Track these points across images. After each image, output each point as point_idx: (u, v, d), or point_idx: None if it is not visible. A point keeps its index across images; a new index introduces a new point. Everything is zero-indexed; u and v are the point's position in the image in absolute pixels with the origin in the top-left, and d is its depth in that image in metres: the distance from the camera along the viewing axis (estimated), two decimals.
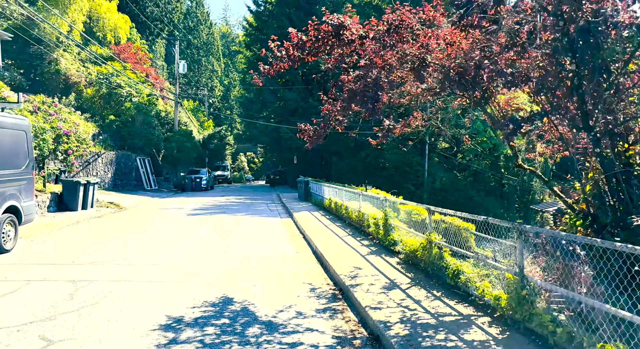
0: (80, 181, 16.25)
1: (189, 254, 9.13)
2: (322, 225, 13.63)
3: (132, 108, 30.67)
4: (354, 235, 11.45)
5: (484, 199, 27.71)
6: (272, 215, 17.53)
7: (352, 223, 12.90)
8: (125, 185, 28.46)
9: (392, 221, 9.05)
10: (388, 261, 8.06)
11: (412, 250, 7.54)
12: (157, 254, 9.00)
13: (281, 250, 10.01)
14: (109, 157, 26.84)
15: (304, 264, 8.66)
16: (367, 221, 10.85)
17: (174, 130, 36.03)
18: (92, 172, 25.03)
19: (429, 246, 6.89)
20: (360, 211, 11.66)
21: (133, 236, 11.22)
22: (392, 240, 8.71)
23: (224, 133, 53.17)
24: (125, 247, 9.64)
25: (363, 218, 11.37)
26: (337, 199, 15.31)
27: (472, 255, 6.12)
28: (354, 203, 13.01)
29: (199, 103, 66.33)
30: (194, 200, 23.61)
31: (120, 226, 13.24)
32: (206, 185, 33.41)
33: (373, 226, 10.20)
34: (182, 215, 16.19)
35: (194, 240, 10.91)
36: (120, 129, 30.25)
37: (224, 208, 19.38)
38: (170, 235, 11.54)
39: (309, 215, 16.34)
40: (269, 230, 13.06)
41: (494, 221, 6.04)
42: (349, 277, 7.01)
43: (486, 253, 6.20)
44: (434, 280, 6.66)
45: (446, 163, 29.64)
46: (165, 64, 62.02)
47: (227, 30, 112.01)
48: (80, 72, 33.16)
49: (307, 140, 7.89)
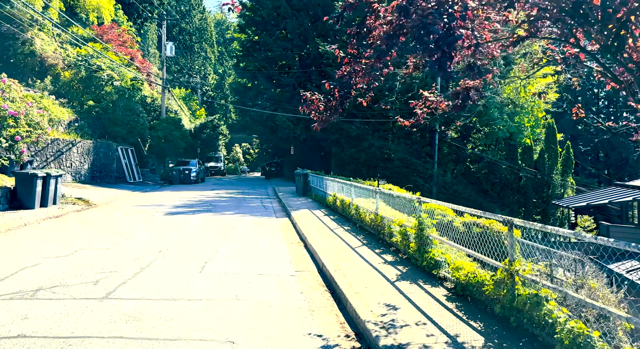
0: (38, 174, 13.62)
1: (148, 277, 6.59)
2: (327, 228, 11.12)
3: (113, 92, 27.90)
4: (370, 244, 8.94)
5: (499, 193, 25.27)
6: (266, 213, 14.99)
7: (364, 227, 10.39)
8: (105, 177, 25.81)
9: (430, 232, 6.52)
10: (432, 294, 5.54)
11: (472, 282, 5.03)
12: (103, 278, 6.46)
13: (276, 267, 7.49)
14: (85, 146, 24.16)
15: (308, 292, 6.16)
16: (389, 228, 8.34)
17: (161, 118, 33.28)
18: (66, 163, 22.39)
19: (508, 281, 4.37)
20: (377, 214, 9.13)
21: (84, 246, 8.66)
22: (432, 260, 6.19)
23: (217, 122, 50.48)
24: (64, 266, 7.09)
25: (382, 224, 8.85)
26: (343, 196, 12.79)
27: (555, 286, 3.69)
28: (368, 202, 10.49)
29: (191, 92, 63.46)
30: (179, 195, 21.03)
31: (76, 231, 10.67)
32: (196, 178, 30.79)
33: (398, 236, 7.69)
34: (158, 215, 13.62)
35: (163, 252, 8.36)
36: (100, 116, 27.52)
37: (210, 205, 16.82)
38: (133, 246, 8.99)
39: (310, 215, 13.82)
40: (262, 236, 10.54)
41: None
42: (380, 327, 4.51)
43: None
44: (525, 339, 4.15)
45: (457, 153, 27.13)
46: (157, 52, 58.90)
47: (222, 18, 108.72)
48: (57, 54, 30.29)
49: (316, 118, 5.34)
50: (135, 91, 30.17)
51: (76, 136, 23.83)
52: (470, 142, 28.67)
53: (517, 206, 25.10)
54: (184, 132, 34.73)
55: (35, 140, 13.29)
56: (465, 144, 28.10)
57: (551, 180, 24.66)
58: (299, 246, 9.59)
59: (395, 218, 7.93)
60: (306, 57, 34.99)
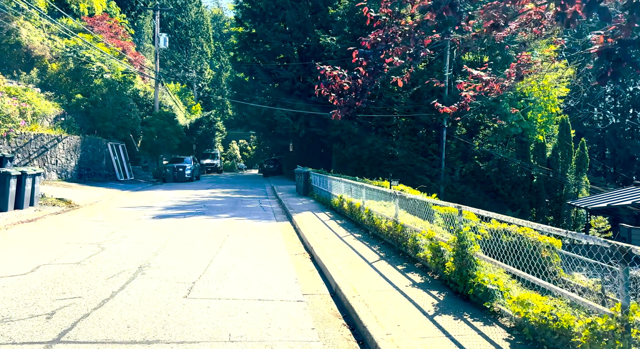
0: (11, 173, 12.24)
1: (119, 306, 5.24)
2: (335, 235, 9.79)
3: (102, 85, 26.43)
4: (389, 258, 7.61)
5: (510, 193, 23.96)
6: (265, 216, 13.63)
7: (379, 235, 9.05)
8: (94, 175, 24.39)
9: (476, 251, 5.18)
10: (489, 338, 4.20)
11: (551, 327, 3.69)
12: (61, 307, 5.09)
13: (279, 289, 6.15)
14: (72, 141, 22.72)
15: (322, 326, 4.83)
16: (413, 241, 7.00)
17: (154, 113, 31.80)
18: (51, 160, 20.96)
19: (619, 335, 3.04)
20: (397, 222, 7.78)
21: (50, 260, 7.30)
22: (481, 288, 4.85)
23: (214, 118, 48.96)
24: (16, 290, 5.72)
25: (404, 234, 7.51)
26: (352, 199, 11.44)
27: None
28: (380, 206, 9.16)
29: (187, 87, 61.97)
30: (172, 194, 19.65)
31: (48, 239, 9.29)
32: (191, 175, 29.40)
33: (427, 251, 6.37)
34: (145, 219, 12.24)
35: (143, 269, 7.01)
36: (89, 110, 26.06)
37: (204, 207, 15.45)
38: (110, 259, 7.64)
39: (313, 218, 12.48)
40: (261, 245, 9.19)
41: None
42: None
43: None
44: None
45: (465, 151, 25.80)
46: (152, 46, 57.28)
47: (219, 12, 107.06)
48: (44, 45, 28.75)
49: (336, 103, 3.97)
50: (126, 84, 28.69)
51: (62, 131, 22.38)
52: (478, 139, 27.37)
53: (529, 206, 23.81)
54: (178, 127, 33.27)
55: (4, 135, 11.88)
56: (472, 141, 26.79)
57: (565, 179, 23.36)
58: (305, 258, 8.26)
59: (423, 230, 6.58)
60: (306, 50, 33.55)
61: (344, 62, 29.45)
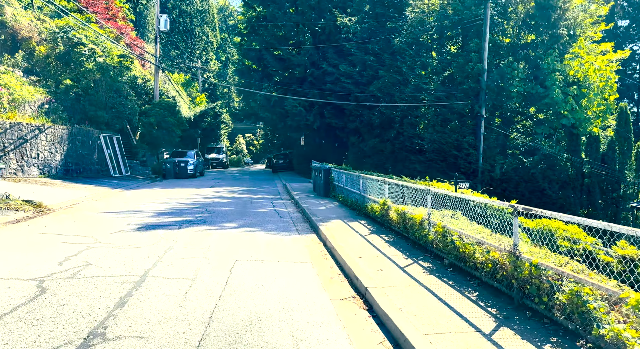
0: None
1: None
2: (392, 263, 6.81)
3: (94, 70, 23.54)
4: (511, 319, 4.63)
5: (558, 193, 20.85)
6: (283, 226, 10.66)
7: (468, 269, 6.05)
8: (83, 171, 21.56)
9: None
10: None
11: None
12: None
13: None
14: (57, 132, 19.88)
15: None
16: (562, 294, 4.01)
17: (154, 102, 28.89)
18: (31, 153, 18.14)
19: None
20: (519, 257, 4.76)
21: None
22: None
23: (219, 109, 46.06)
24: None
25: (539, 279, 4.50)
26: (405, 207, 8.42)
27: None
28: (464, 223, 6.17)
29: (191, 78, 59.06)
30: (169, 194, 16.76)
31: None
32: (193, 171, 26.52)
33: (572, 309, 3.39)
34: (127, 230, 9.31)
35: (102, 333, 4.08)
36: (80, 97, 23.19)
37: (206, 211, 12.51)
38: (52, 312, 4.73)
39: (348, 231, 9.51)
40: (284, 280, 6.23)
41: None
42: None
43: None
44: None
45: (505, 145, 22.68)
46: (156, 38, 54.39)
47: (225, 3, 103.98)
48: (32, 26, 25.86)
49: None
50: (122, 70, 25.77)
51: (46, 120, 19.54)
52: (518, 131, 24.20)
53: (579, 208, 20.73)
54: (180, 118, 30.35)
55: None
56: (510, 132, 23.64)
57: (623, 177, 20.25)
58: (358, 307, 5.28)
59: (598, 280, 3.58)
60: (320, 33, 30.44)
61: (365, 45, 26.37)
